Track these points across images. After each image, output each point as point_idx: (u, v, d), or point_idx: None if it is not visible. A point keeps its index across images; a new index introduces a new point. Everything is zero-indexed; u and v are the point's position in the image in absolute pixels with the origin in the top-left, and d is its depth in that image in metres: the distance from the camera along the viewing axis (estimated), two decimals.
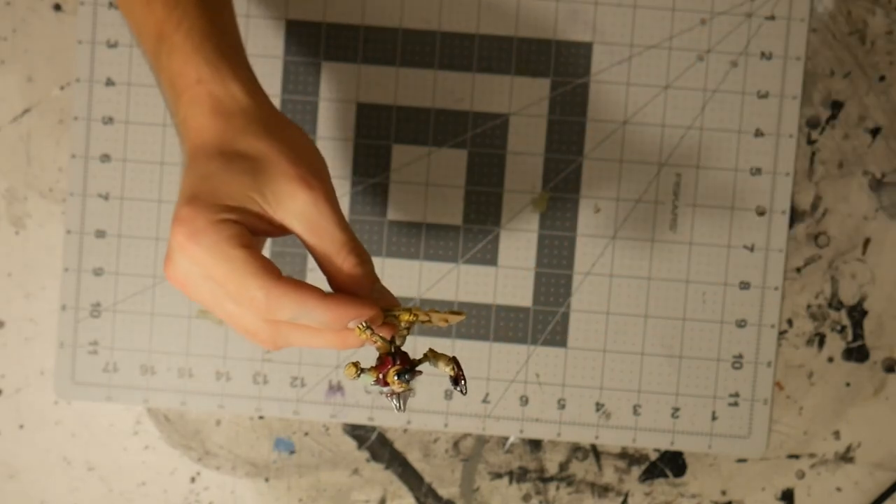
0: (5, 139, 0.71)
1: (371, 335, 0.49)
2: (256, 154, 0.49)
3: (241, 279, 0.47)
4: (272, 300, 0.47)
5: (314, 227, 0.49)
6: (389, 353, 0.50)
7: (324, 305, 0.47)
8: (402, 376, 0.50)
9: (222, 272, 0.47)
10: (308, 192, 0.48)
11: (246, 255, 0.47)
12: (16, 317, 0.71)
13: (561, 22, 0.70)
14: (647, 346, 0.70)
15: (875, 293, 0.71)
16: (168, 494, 0.72)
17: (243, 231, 0.47)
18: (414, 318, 0.50)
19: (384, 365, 0.50)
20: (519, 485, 0.71)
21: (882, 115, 0.70)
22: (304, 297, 0.47)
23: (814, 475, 0.71)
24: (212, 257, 0.47)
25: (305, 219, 0.49)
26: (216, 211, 0.47)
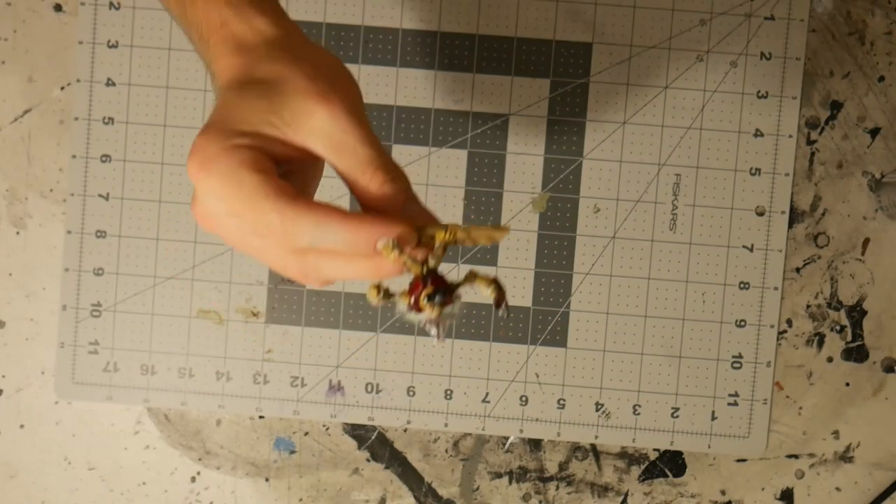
0: (6, 139, 0.71)
1: (400, 255, 0.44)
2: (274, 76, 0.46)
3: (253, 203, 0.44)
4: (287, 222, 0.43)
5: (336, 144, 0.45)
6: (421, 276, 0.45)
7: (345, 224, 0.44)
8: (433, 299, 0.44)
9: (236, 199, 0.44)
10: (326, 107, 0.45)
11: (259, 179, 0.44)
12: (16, 317, 0.71)
13: (561, 22, 0.70)
14: (646, 346, 0.70)
15: (874, 293, 0.71)
16: (168, 494, 0.72)
17: (258, 156, 0.45)
18: (451, 236, 0.45)
19: (415, 288, 0.45)
20: (519, 484, 0.71)
21: (881, 116, 0.70)
22: (322, 217, 0.43)
23: (813, 475, 0.71)
24: (224, 184, 0.44)
25: (326, 136, 0.45)
26: (229, 137, 0.45)
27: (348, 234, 0.43)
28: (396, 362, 0.70)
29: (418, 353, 0.70)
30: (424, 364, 0.70)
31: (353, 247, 0.44)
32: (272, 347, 0.71)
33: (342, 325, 0.70)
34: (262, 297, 0.70)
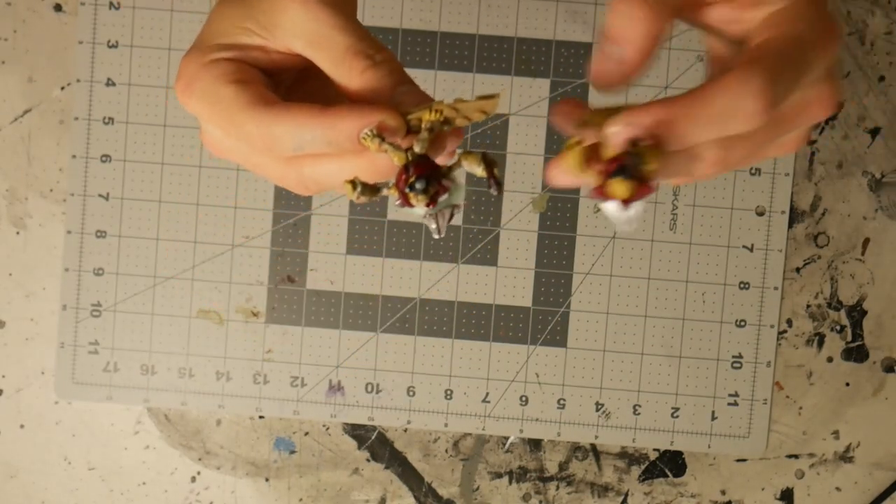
0: (6, 139, 0.71)
1: (380, 145, 0.39)
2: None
3: (231, 116, 0.41)
4: (264, 129, 0.41)
5: (311, 37, 0.42)
6: (404, 164, 0.40)
7: (320, 121, 0.40)
8: (414, 188, 0.39)
9: (215, 115, 0.42)
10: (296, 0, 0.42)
11: (235, 90, 0.42)
12: (16, 317, 0.71)
13: (561, 22, 0.70)
14: (646, 346, 0.70)
15: (874, 293, 0.71)
16: (168, 494, 0.72)
17: (238, 67, 0.42)
18: (437, 115, 0.40)
19: (399, 178, 0.40)
20: (519, 484, 0.71)
21: (881, 116, 0.70)
22: (299, 117, 0.40)
23: (813, 475, 0.71)
24: (205, 102, 0.42)
25: (302, 32, 0.42)
26: (207, 53, 0.43)
27: (327, 129, 0.40)
28: (396, 362, 0.70)
29: (418, 353, 0.70)
30: (424, 364, 0.70)
31: (336, 144, 0.40)
32: (272, 347, 0.71)
33: (342, 325, 0.70)
34: (262, 297, 0.70)
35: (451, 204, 0.40)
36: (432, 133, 0.40)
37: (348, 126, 0.40)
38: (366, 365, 0.70)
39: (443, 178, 0.40)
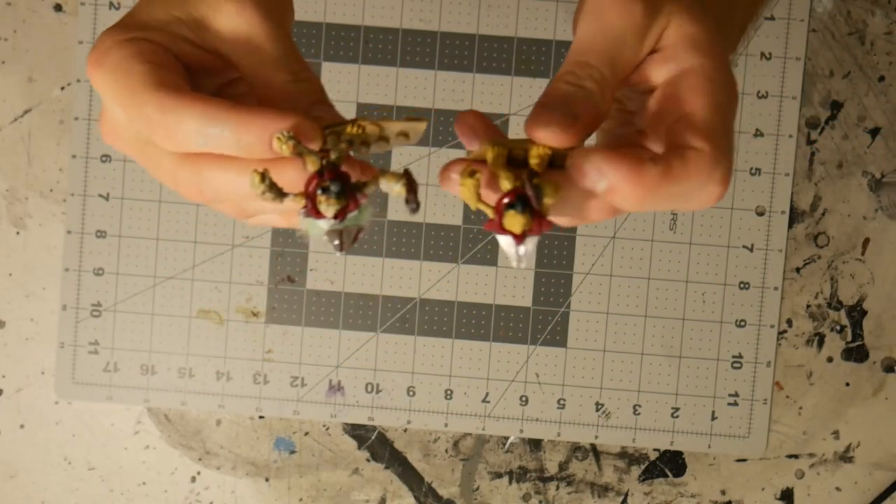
0: (6, 139, 0.71)
1: (295, 146, 0.37)
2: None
3: (136, 94, 0.39)
4: (168, 114, 0.38)
5: (242, 43, 0.41)
6: (319, 168, 0.37)
7: (235, 116, 0.38)
8: (329, 190, 0.37)
9: (120, 90, 0.39)
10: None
11: (147, 69, 0.39)
12: (16, 317, 0.71)
13: (561, 22, 0.70)
14: (646, 346, 0.70)
15: (874, 293, 0.71)
16: (168, 494, 0.72)
17: (156, 49, 0.40)
18: (359, 129, 0.39)
19: (310, 182, 0.37)
20: (519, 484, 0.71)
21: (881, 116, 0.70)
22: (208, 109, 0.38)
23: (813, 475, 0.71)
24: (112, 77, 0.40)
25: (232, 34, 0.41)
26: (130, 30, 0.41)
27: (238, 127, 0.38)
28: (396, 362, 0.70)
29: (418, 353, 0.70)
30: (424, 364, 0.70)
31: (246, 144, 0.38)
32: (272, 347, 0.71)
33: (342, 325, 0.70)
34: (262, 297, 0.70)
35: (358, 223, 0.38)
36: (350, 146, 0.39)
37: (263, 125, 0.38)
38: (366, 365, 0.70)
39: (357, 191, 0.38)
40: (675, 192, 0.37)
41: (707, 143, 0.37)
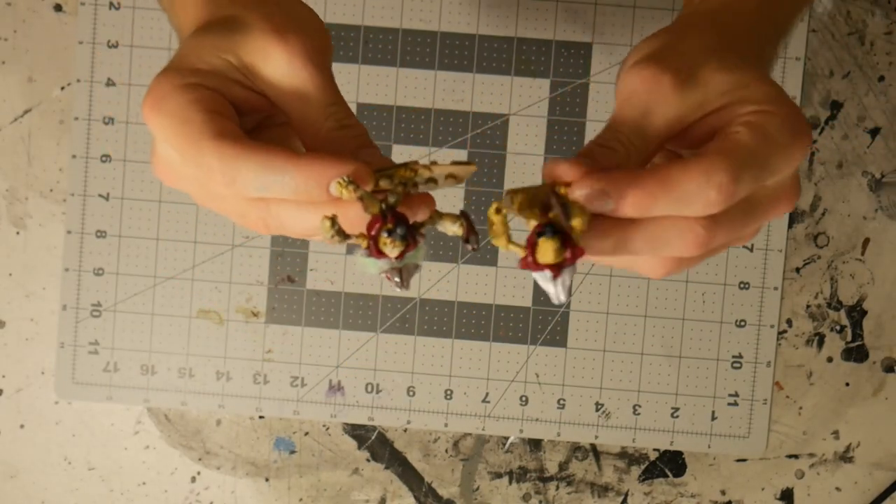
0: (6, 139, 0.71)
1: (355, 190, 0.39)
2: (237, 16, 0.43)
3: (195, 145, 0.40)
4: (228, 165, 0.40)
5: (290, 90, 0.43)
6: (380, 212, 0.40)
7: (294, 165, 0.39)
8: (394, 233, 0.39)
9: (181, 138, 0.41)
10: (282, 47, 0.42)
11: (206, 118, 0.41)
12: (16, 317, 0.71)
13: (561, 22, 0.70)
14: (646, 346, 0.70)
15: (874, 293, 0.71)
16: (168, 494, 0.72)
17: (213, 96, 0.42)
18: (412, 173, 0.41)
19: (373, 225, 0.40)
20: (519, 485, 0.71)
21: (881, 116, 0.70)
22: (268, 159, 0.40)
23: (813, 475, 0.71)
24: (173, 123, 0.41)
25: (280, 82, 0.43)
26: (184, 75, 0.42)
27: (298, 175, 0.39)
28: (396, 362, 0.70)
29: (418, 353, 0.70)
30: (424, 364, 0.70)
31: (305, 191, 0.40)
32: (272, 347, 0.71)
33: (342, 325, 0.70)
34: (262, 297, 0.70)
35: (416, 261, 0.40)
36: (405, 188, 0.41)
37: (321, 173, 0.39)
38: (366, 365, 0.70)
39: (416, 231, 0.40)
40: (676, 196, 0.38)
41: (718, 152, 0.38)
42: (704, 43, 0.43)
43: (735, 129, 0.40)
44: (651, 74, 0.41)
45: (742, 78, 0.41)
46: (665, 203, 0.39)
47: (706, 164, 0.38)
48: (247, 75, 0.43)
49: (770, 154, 0.40)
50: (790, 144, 0.40)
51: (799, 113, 0.41)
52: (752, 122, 0.40)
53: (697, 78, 0.41)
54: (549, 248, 0.37)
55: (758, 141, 0.39)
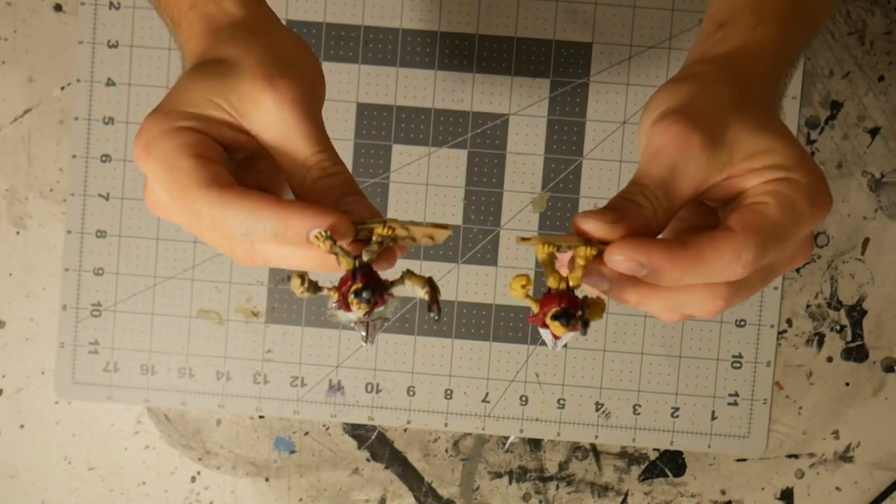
0: (6, 139, 0.71)
1: (332, 247, 0.41)
2: (229, 58, 0.44)
3: (184, 189, 0.42)
4: (216, 211, 0.41)
5: (277, 137, 0.44)
6: (352, 270, 0.42)
7: (274, 214, 0.41)
8: (360, 295, 0.42)
9: (169, 182, 0.42)
10: (271, 95, 0.43)
11: (194, 164, 0.42)
12: (16, 317, 0.71)
13: (561, 22, 0.70)
14: (646, 346, 0.70)
15: (874, 293, 0.71)
16: (168, 494, 0.72)
17: (201, 140, 0.43)
18: (389, 231, 0.42)
19: (345, 283, 0.42)
20: (519, 484, 0.71)
21: (881, 116, 0.70)
22: (252, 206, 0.41)
23: (813, 475, 0.71)
24: (161, 167, 0.42)
25: (270, 125, 0.44)
26: (173, 119, 0.43)
27: (279, 223, 0.41)
28: (396, 362, 0.70)
29: (418, 353, 0.70)
30: (424, 364, 0.70)
31: (285, 238, 0.42)
32: (272, 347, 0.71)
33: (342, 324, 0.70)
34: (262, 297, 0.70)
35: (384, 316, 0.43)
36: (381, 246, 0.42)
37: (300, 224, 0.41)
38: (366, 365, 0.70)
39: (385, 290, 0.42)
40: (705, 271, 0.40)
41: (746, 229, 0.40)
42: (729, 97, 0.44)
43: (762, 199, 0.41)
44: (680, 132, 0.42)
45: (769, 142, 0.42)
46: (694, 277, 0.40)
47: (736, 243, 0.40)
48: (236, 119, 0.44)
49: (795, 226, 0.41)
50: (814, 214, 0.42)
51: (822, 178, 0.42)
52: (779, 193, 0.41)
53: (725, 139, 0.42)
54: (557, 328, 0.41)
55: (784, 215, 0.41)
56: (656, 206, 0.42)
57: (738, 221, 0.40)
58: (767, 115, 0.44)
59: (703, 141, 0.42)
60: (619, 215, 0.41)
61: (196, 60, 0.46)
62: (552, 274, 0.42)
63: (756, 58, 0.46)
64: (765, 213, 0.41)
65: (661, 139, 0.42)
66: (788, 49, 0.48)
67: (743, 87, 0.45)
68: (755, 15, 0.46)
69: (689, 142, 0.42)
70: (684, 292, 0.42)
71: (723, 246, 0.40)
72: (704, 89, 0.44)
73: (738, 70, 0.46)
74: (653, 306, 0.43)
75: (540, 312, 0.41)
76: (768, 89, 0.46)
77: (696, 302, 0.42)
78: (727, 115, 0.43)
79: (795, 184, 0.41)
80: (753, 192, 0.42)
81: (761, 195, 0.41)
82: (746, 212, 0.41)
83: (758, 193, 0.41)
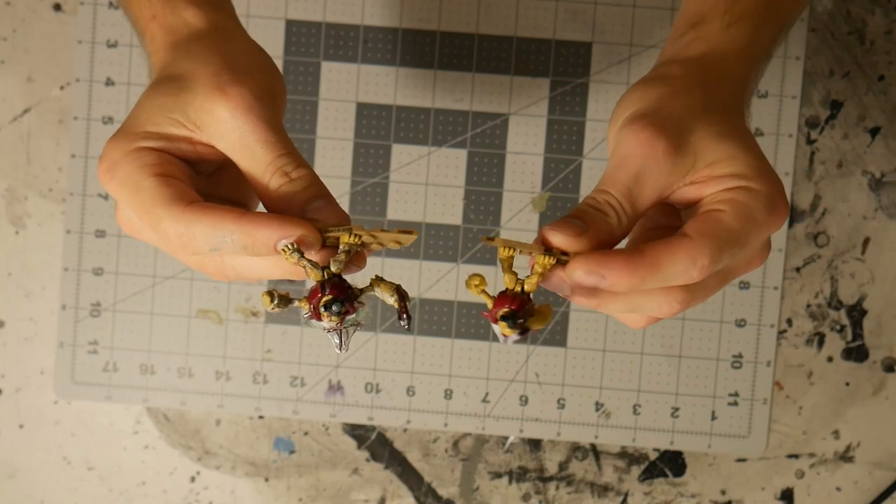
0: (5, 139, 0.71)
1: (299, 260, 0.42)
2: (185, 73, 0.44)
3: (149, 210, 0.42)
4: (181, 228, 0.42)
5: (236, 146, 0.44)
6: (321, 282, 0.42)
7: (239, 227, 0.41)
8: (330, 308, 0.42)
9: (134, 204, 0.43)
10: (224, 103, 0.43)
11: (155, 183, 0.42)
12: (16, 317, 0.71)
13: (560, 22, 0.70)
14: (646, 345, 0.70)
15: (874, 293, 0.71)
16: (168, 494, 0.72)
17: (161, 159, 0.43)
18: (356, 239, 0.43)
19: (314, 294, 0.43)
20: (519, 484, 0.71)
21: (881, 115, 0.70)
22: (216, 220, 0.41)
23: (813, 475, 0.71)
24: (125, 189, 0.43)
25: (226, 134, 0.44)
26: (133, 140, 0.43)
27: (245, 236, 0.42)
28: (396, 362, 0.70)
29: (418, 353, 0.70)
30: (424, 364, 0.70)
31: (252, 250, 0.42)
32: (272, 347, 0.71)
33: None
34: None
35: (356, 322, 0.43)
36: (348, 255, 0.43)
37: (266, 236, 0.41)
38: (365, 365, 0.70)
39: (354, 299, 0.43)
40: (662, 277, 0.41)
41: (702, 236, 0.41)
42: (697, 102, 0.45)
43: (720, 207, 0.42)
44: (647, 139, 0.42)
45: (732, 150, 0.43)
46: (652, 283, 0.41)
47: (692, 249, 0.41)
48: (196, 132, 0.44)
49: (750, 233, 0.42)
50: (770, 223, 0.43)
51: (781, 188, 0.43)
52: (736, 202, 0.42)
53: (690, 145, 0.43)
54: (505, 328, 0.42)
55: (740, 223, 0.42)
56: (621, 214, 0.43)
57: (694, 228, 0.41)
58: (733, 121, 0.45)
59: (667, 148, 0.42)
60: (583, 227, 0.42)
61: (157, 76, 0.46)
62: (509, 274, 0.43)
63: (727, 61, 0.47)
64: (721, 220, 0.41)
65: (628, 145, 0.43)
66: (761, 46, 0.48)
67: (712, 92, 0.45)
68: (727, 14, 0.47)
69: (654, 149, 0.42)
70: (642, 296, 0.43)
71: (679, 252, 0.41)
72: (674, 93, 0.45)
73: (708, 74, 0.46)
74: (612, 309, 0.44)
75: (493, 309, 0.43)
76: (738, 93, 0.47)
77: (653, 305, 0.43)
78: (694, 120, 0.44)
79: (754, 193, 0.42)
80: (712, 199, 0.43)
81: (719, 203, 0.42)
82: (703, 219, 0.42)
83: (716, 201, 0.42)
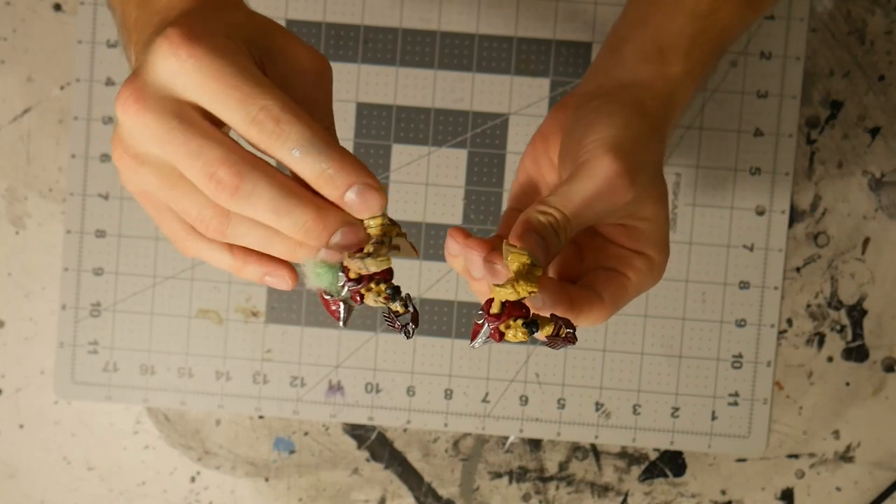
0: (5, 139, 0.71)
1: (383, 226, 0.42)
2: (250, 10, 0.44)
3: (252, 85, 0.39)
4: (286, 113, 0.39)
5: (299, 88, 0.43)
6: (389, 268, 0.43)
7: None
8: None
9: (226, 76, 0.38)
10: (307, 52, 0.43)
11: (255, 65, 0.40)
12: (16, 317, 0.71)
13: (561, 22, 0.70)
14: (646, 345, 0.70)
15: (874, 293, 0.71)
16: (168, 494, 0.72)
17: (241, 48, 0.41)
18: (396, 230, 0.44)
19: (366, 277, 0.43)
20: (519, 484, 0.71)
21: (881, 115, 0.70)
22: (314, 124, 0.39)
23: (813, 475, 0.71)
24: (219, 58, 0.38)
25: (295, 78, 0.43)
26: (215, 23, 0.41)
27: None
28: (396, 362, 0.70)
29: (418, 353, 0.70)
30: (424, 364, 0.70)
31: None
32: (272, 347, 0.71)
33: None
34: (262, 296, 0.70)
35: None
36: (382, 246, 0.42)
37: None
38: (365, 365, 0.70)
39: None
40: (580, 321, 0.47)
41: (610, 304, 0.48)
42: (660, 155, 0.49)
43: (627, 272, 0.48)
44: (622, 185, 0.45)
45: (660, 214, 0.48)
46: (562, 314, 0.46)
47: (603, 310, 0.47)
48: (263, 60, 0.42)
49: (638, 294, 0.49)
50: (652, 285, 0.49)
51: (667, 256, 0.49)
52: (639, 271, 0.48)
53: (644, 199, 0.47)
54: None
55: (636, 290, 0.49)
56: (565, 237, 0.45)
57: (608, 293, 0.47)
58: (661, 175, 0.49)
59: (631, 199, 0.46)
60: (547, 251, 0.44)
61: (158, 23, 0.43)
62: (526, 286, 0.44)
63: (678, 110, 0.52)
64: (627, 289, 0.48)
65: (601, 179, 0.45)
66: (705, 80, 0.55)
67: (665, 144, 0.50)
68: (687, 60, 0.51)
69: (623, 196, 0.46)
70: None
71: (596, 309, 0.47)
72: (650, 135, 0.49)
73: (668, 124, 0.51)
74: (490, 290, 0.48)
75: (504, 314, 0.44)
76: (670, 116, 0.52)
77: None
78: (655, 174, 0.48)
79: (654, 264, 0.48)
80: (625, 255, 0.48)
81: (627, 266, 0.48)
82: (615, 285, 0.48)
83: (626, 260, 0.48)
